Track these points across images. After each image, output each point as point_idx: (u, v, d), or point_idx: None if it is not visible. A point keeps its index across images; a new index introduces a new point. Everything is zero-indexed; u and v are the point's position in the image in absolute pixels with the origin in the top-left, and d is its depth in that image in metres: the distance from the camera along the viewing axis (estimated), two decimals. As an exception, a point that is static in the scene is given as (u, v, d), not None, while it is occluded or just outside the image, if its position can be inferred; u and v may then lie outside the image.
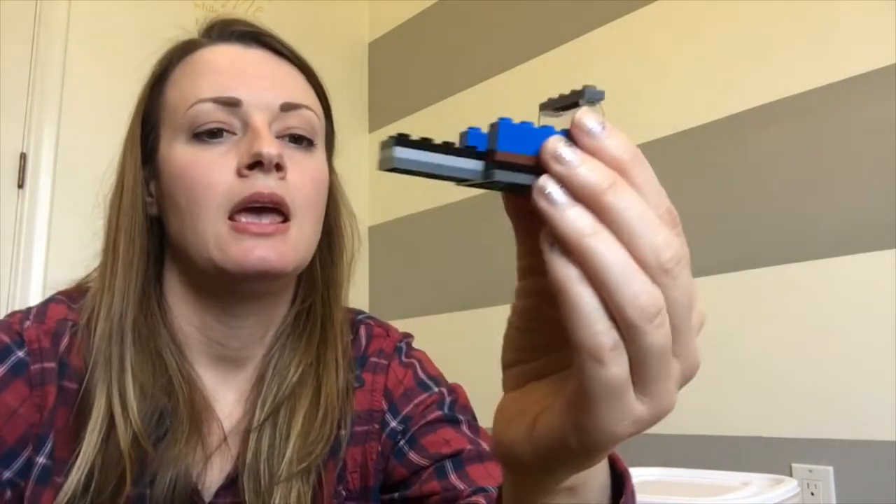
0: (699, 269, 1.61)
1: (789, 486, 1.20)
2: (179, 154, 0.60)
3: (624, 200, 0.27)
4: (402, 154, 0.29)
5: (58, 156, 1.83)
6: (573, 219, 0.27)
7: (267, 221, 0.59)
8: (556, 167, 0.27)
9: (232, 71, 0.61)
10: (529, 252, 0.31)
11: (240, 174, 0.58)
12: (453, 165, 0.29)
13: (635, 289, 0.26)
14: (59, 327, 0.62)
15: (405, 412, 0.67)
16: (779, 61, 1.56)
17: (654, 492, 1.26)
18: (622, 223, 0.27)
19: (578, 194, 0.27)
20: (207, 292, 0.63)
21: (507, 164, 0.29)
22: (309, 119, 0.63)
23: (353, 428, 0.66)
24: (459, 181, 0.30)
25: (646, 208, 0.27)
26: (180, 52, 0.65)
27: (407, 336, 0.74)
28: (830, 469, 1.39)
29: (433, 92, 2.36)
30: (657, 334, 0.27)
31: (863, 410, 1.36)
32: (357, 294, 0.71)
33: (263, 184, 0.58)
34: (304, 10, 2.34)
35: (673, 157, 1.71)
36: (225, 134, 0.60)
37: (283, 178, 0.59)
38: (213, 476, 0.62)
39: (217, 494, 0.61)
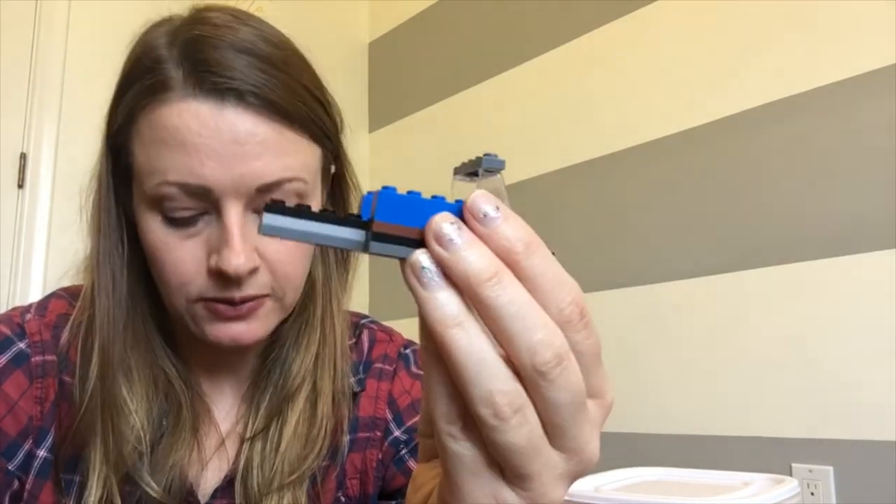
0: (699, 270, 1.61)
1: (789, 486, 1.20)
2: (152, 229, 0.55)
3: (504, 295, 0.25)
4: (271, 221, 0.27)
5: (58, 156, 1.83)
6: (439, 305, 0.26)
7: (241, 307, 0.56)
8: (437, 249, 0.26)
9: (200, 147, 0.52)
10: None
11: (209, 272, 0.55)
12: (330, 234, 0.28)
13: (490, 387, 0.25)
14: (59, 321, 0.62)
15: (411, 423, 0.66)
16: (778, 61, 1.56)
17: (654, 492, 1.26)
18: (498, 319, 0.25)
19: (455, 281, 0.26)
20: None
21: (386, 237, 0.27)
22: (292, 191, 0.55)
23: (354, 434, 0.65)
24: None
25: (527, 304, 0.26)
26: (146, 95, 0.54)
27: (412, 343, 0.73)
28: (830, 469, 1.39)
29: (433, 92, 2.36)
30: (515, 433, 0.26)
31: (863, 410, 1.36)
32: (357, 294, 0.70)
33: (235, 289, 0.55)
34: (304, 10, 2.34)
35: (673, 157, 1.71)
36: (198, 217, 0.55)
37: (256, 272, 0.55)
38: (211, 477, 0.62)
39: (214, 495, 0.61)
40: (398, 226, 0.27)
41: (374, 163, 2.53)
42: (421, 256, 0.26)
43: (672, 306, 1.67)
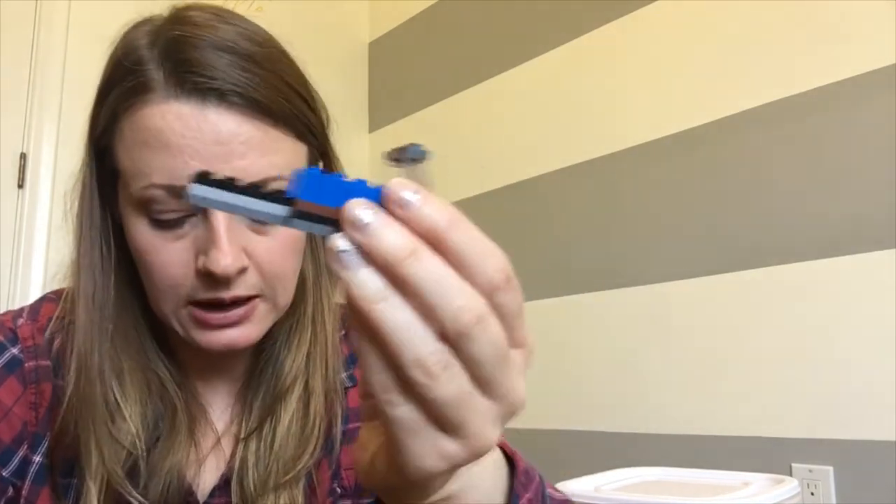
0: (699, 270, 1.61)
1: (789, 486, 1.20)
2: (139, 231, 0.55)
3: (422, 271, 0.27)
4: (198, 192, 0.29)
5: (58, 156, 1.83)
6: (361, 283, 0.27)
7: (231, 314, 0.56)
8: (353, 234, 0.27)
9: (184, 148, 0.51)
10: None
11: (198, 273, 0.54)
12: (254, 208, 0.29)
13: (418, 351, 0.27)
14: (52, 326, 0.62)
15: None
16: (778, 61, 1.56)
17: (654, 492, 1.26)
18: (419, 293, 0.27)
19: (374, 261, 0.27)
20: None
21: (307, 215, 0.29)
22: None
23: (346, 425, 0.65)
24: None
25: (445, 275, 0.27)
26: (128, 97, 0.54)
27: None
28: (830, 469, 1.39)
29: (433, 92, 2.36)
30: (445, 388, 0.28)
31: (863, 410, 1.36)
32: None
33: (224, 289, 0.55)
34: (304, 10, 2.34)
35: (673, 157, 1.71)
36: (184, 218, 0.54)
37: (244, 272, 0.55)
38: (208, 476, 0.62)
39: (212, 494, 0.61)
40: (319, 205, 0.28)
41: (375, 163, 2.53)
42: (338, 240, 0.28)
43: (672, 306, 1.67)
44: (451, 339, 0.28)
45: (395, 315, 0.27)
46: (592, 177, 1.88)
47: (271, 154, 0.54)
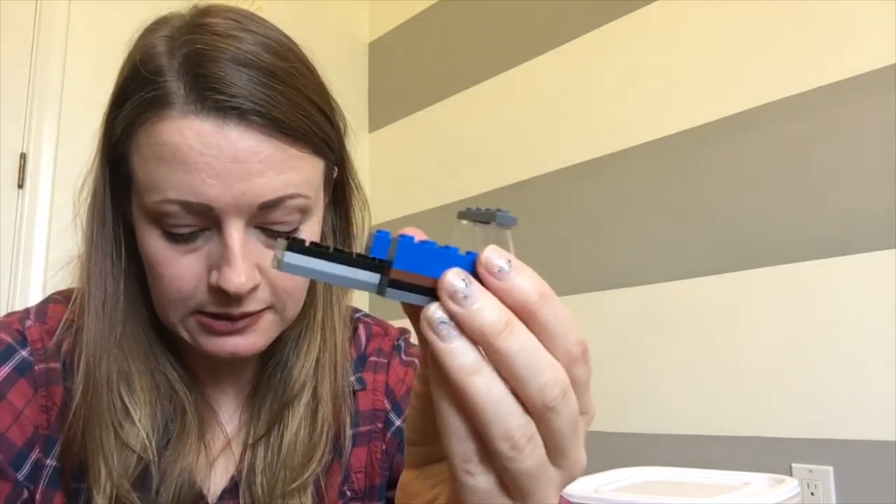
0: (699, 270, 1.60)
1: (789, 486, 1.20)
2: (151, 242, 0.55)
3: (516, 344, 0.28)
4: (291, 260, 0.28)
5: (58, 156, 1.83)
6: (458, 355, 0.28)
7: (238, 322, 0.56)
8: (451, 305, 0.28)
9: (202, 165, 0.51)
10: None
11: (210, 288, 0.54)
12: (346, 276, 0.29)
13: (508, 424, 0.28)
14: (60, 328, 0.62)
15: None
16: (778, 61, 1.56)
17: (654, 492, 1.26)
18: (511, 365, 0.28)
19: (469, 333, 0.28)
20: None
21: (402, 284, 0.29)
22: (295, 207, 0.55)
23: (356, 429, 0.65)
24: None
25: (536, 349, 0.28)
26: (145, 108, 0.53)
27: (404, 332, 0.73)
28: (830, 469, 1.39)
29: (433, 92, 2.36)
30: (527, 460, 0.28)
31: (863, 410, 1.36)
32: (357, 293, 0.70)
33: (235, 305, 0.55)
34: (305, 10, 2.34)
35: (673, 157, 1.71)
36: (198, 232, 0.54)
37: (256, 288, 0.55)
38: (218, 479, 0.62)
39: (221, 497, 0.61)
40: (414, 274, 0.28)
41: (374, 163, 2.53)
42: (437, 312, 0.28)
43: (672, 306, 1.67)
44: (537, 411, 0.28)
45: (489, 388, 0.28)
46: (592, 177, 1.88)
47: (288, 171, 0.54)
